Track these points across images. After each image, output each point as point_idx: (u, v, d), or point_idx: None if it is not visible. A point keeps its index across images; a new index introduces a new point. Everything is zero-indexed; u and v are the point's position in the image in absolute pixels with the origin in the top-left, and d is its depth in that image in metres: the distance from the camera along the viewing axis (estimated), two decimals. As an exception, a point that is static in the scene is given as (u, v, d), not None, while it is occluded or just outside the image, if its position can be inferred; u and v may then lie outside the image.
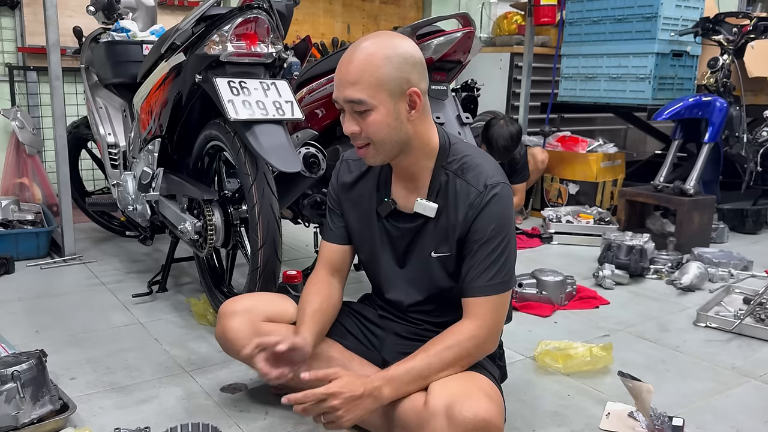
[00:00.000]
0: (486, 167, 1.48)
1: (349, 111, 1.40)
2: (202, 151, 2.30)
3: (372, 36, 1.42)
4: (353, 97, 1.37)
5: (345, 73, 1.38)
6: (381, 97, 1.37)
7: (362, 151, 1.45)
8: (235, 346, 1.62)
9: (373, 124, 1.39)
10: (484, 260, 1.44)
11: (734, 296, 2.68)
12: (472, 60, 2.59)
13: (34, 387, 1.53)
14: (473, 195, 1.45)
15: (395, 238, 1.57)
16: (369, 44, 1.38)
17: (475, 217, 1.44)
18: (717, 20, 3.72)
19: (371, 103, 1.37)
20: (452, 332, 1.45)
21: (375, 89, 1.36)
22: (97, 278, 2.81)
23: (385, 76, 1.36)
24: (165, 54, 2.29)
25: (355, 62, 1.37)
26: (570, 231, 3.60)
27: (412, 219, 1.53)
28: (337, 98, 1.41)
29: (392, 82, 1.37)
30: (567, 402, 1.80)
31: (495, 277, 1.44)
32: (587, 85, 4.30)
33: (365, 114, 1.38)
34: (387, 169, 1.57)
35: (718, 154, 3.73)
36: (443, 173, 1.49)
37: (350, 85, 1.37)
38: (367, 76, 1.36)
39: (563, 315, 2.50)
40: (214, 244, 2.17)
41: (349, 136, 1.43)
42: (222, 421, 1.65)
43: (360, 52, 1.37)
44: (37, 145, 3.63)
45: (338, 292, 1.66)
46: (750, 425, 1.70)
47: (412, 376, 1.41)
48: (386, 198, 1.56)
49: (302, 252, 3.29)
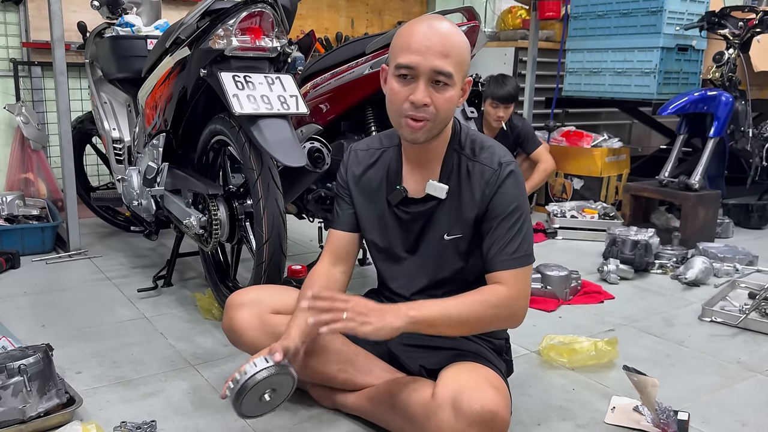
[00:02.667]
0: (497, 148, 1.52)
1: (427, 81, 1.37)
2: (206, 146, 2.30)
3: (437, 17, 1.42)
4: (445, 69, 1.36)
5: (437, 42, 1.35)
6: (459, 77, 1.40)
7: (420, 124, 1.41)
8: (243, 338, 1.63)
9: (448, 101, 1.40)
10: (505, 235, 1.46)
11: (739, 291, 2.67)
12: (476, 55, 2.58)
13: (40, 381, 1.54)
14: (488, 173, 1.47)
15: (407, 224, 1.57)
16: (447, 24, 1.39)
17: (493, 194, 1.46)
18: (722, 14, 3.69)
19: (454, 79, 1.38)
20: (489, 290, 1.45)
21: (459, 67, 1.39)
22: (102, 273, 2.81)
23: (465, 59, 1.41)
24: (169, 48, 2.28)
25: (448, 36, 1.37)
26: (574, 226, 3.60)
27: (424, 203, 1.54)
28: (418, 63, 1.35)
29: (466, 65, 1.42)
30: (572, 396, 1.80)
31: (518, 251, 1.46)
32: (592, 79, 4.28)
33: (443, 88, 1.38)
34: (397, 158, 1.58)
35: (724, 148, 3.71)
36: (455, 156, 1.51)
37: (442, 56, 1.36)
38: (456, 53, 1.37)
39: (568, 310, 2.50)
40: (219, 238, 2.17)
41: (413, 106, 1.38)
42: (228, 414, 1.65)
43: (445, 27, 1.38)
44: (42, 141, 3.63)
45: (339, 281, 1.63)
46: (755, 419, 1.69)
47: (438, 310, 1.39)
48: (397, 186, 1.56)
49: (307, 247, 3.29)
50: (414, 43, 1.37)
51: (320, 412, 1.67)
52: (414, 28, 1.39)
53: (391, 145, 1.60)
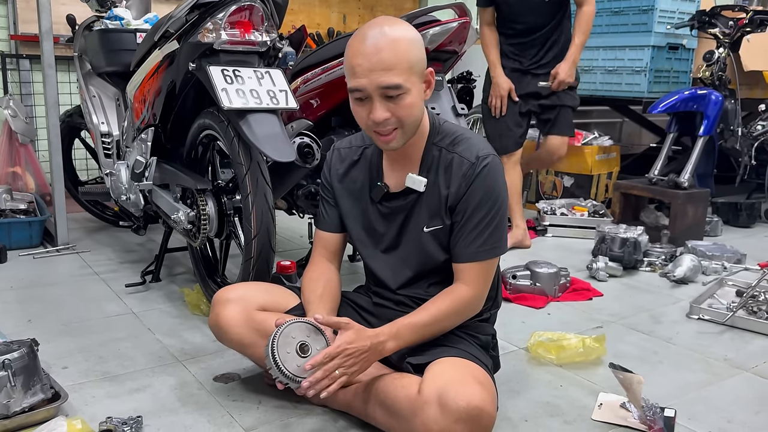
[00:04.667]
0: (476, 141, 1.52)
1: (380, 98, 1.39)
2: (195, 141, 2.29)
3: (381, 21, 1.41)
4: (391, 83, 1.36)
5: (377, 61, 1.36)
6: (413, 80, 1.40)
7: (390, 136, 1.43)
8: (229, 334, 1.62)
9: (408, 107, 1.40)
10: (474, 227, 1.48)
11: (727, 289, 2.69)
12: (468, 51, 2.58)
13: (25, 376, 1.53)
14: (466, 166, 1.48)
15: (389, 219, 1.59)
16: (388, 29, 1.38)
17: (468, 187, 1.48)
18: (713, 13, 3.72)
19: (406, 87, 1.38)
20: (447, 294, 1.52)
21: (408, 72, 1.38)
22: (90, 268, 2.79)
23: (414, 59, 1.39)
24: (158, 42, 2.27)
25: (385, 48, 1.36)
26: (564, 223, 3.61)
27: (405, 196, 1.55)
28: (365, 86, 1.37)
29: (419, 64, 1.41)
30: (559, 393, 1.81)
31: (485, 244, 1.48)
32: (583, 77, 4.28)
33: (399, 98, 1.39)
34: (378, 155, 1.60)
35: (713, 147, 3.73)
36: (434, 149, 1.52)
37: (386, 71, 1.36)
38: (401, 61, 1.37)
39: (557, 306, 2.50)
40: (207, 233, 2.16)
41: (376, 124, 1.41)
42: (215, 410, 1.65)
43: (384, 38, 1.37)
44: (30, 134, 3.60)
45: (336, 276, 1.68)
46: (741, 416, 1.70)
47: (413, 331, 1.48)
48: (378, 182, 1.57)
49: (297, 243, 3.28)
50: (357, 67, 1.38)
51: (308, 408, 1.67)
52: (355, 47, 1.39)
53: (372, 142, 1.60)
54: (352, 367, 1.41)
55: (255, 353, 1.64)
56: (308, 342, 1.44)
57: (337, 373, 1.39)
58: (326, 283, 1.63)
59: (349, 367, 1.40)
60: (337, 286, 1.66)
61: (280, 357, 1.40)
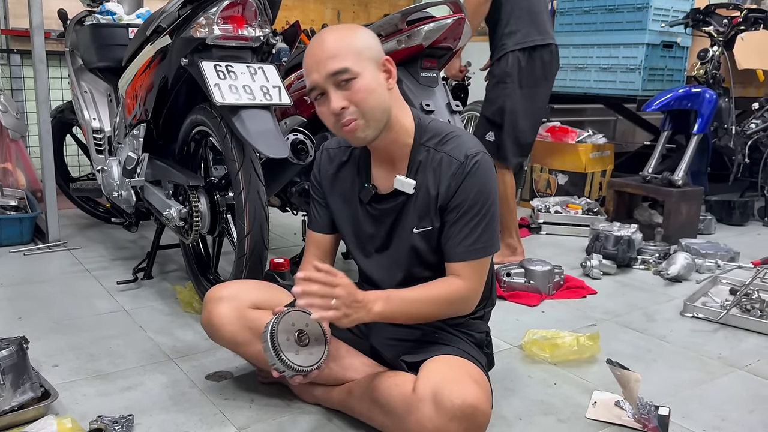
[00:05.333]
0: (465, 139, 1.50)
1: (334, 86, 1.39)
2: (188, 137, 2.27)
3: (327, 30, 1.47)
4: (338, 67, 1.37)
5: (321, 51, 1.39)
6: (363, 64, 1.39)
7: (351, 126, 1.41)
8: (221, 332, 1.61)
9: (362, 90, 1.39)
10: (465, 226, 1.46)
11: (721, 287, 2.69)
12: (462, 48, 2.57)
13: (14, 374, 1.51)
14: (455, 166, 1.46)
15: (378, 221, 1.57)
16: (335, 29, 1.45)
17: (458, 186, 1.46)
18: (707, 11, 3.71)
19: (356, 70, 1.38)
20: (442, 281, 1.50)
21: (357, 56, 1.39)
22: (81, 265, 2.77)
23: (362, 44, 1.41)
24: (150, 37, 2.25)
25: (329, 40, 1.40)
26: (558, 221, 3.60)
27: (394, 198, 1.53)
28: (316, 81, 1.40)
29: (370, 50, 1.42)
30: (554, 391, 1.80)
31: (476, 243, 1.46)
32: (577, 75, 4.29)
33: (351, 83, 1.38)
34: (366, 156, 1.57)
35: (707, 145, 3.73)
36: (422, 150, 1.50)
37: (331, 58, 1.37)
38: (346, 46, 1.39)
39: (551, 304, 2.50)
40: (199, 230, 2.14)
41: (336, 115, 1.40)
42: (207, 408, 1.63)
43: (329, 35, 1.42)
44: (21, 130, 3.57)
45: None
46: (736, 415, 1.70)
47: (402, 302, 1.44)
48: (366, 184, 1.56)
49: (290, 240, 3.26)
50: (308, 66, 1.42)
51: (302, 407, 1.66)
52: (306, 52, 1.44)
53: None
54: (341, 308, 1.34)
55: (248, 351, 1.62)
56: (306, 331, 1.43)
57: (333, 303, 1.33)
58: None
59: (344, 305, 1.34)
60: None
61: (279, 343, 1.38)
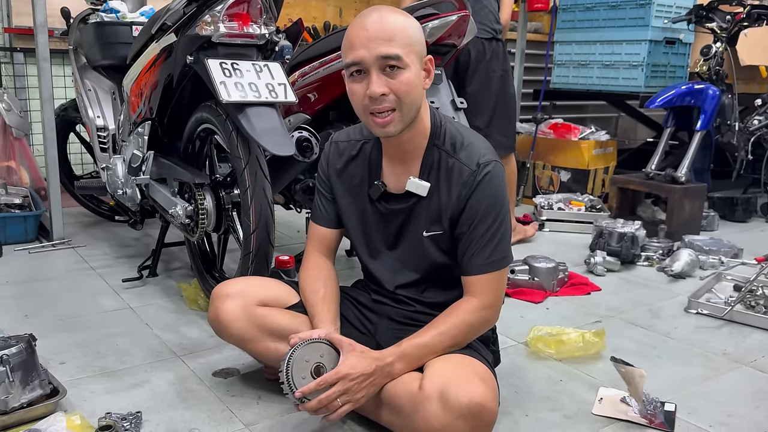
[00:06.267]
0: (478, 145, 1.49)
1: (379, 70, 1.36)
2: (193, 134, 2.27)
3: (381, 7, 1.41)
4: (390, 53, 1.34)
5: (378, 30, 1.35)
6: (412, 58, 1.38)
7: (386, 117, 1.39)
8: (228, 330, 1.61)
9: (406, 83, 1.37)
10: (480, 239, 1.45)
11: (725, 283, 2.69)
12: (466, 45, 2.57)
13: (23, 371, 1.51)
14: (466, 174, 1.45)
15: (387, 220, 1.56)
16: (390, 10, 1.40)
17: (468, 196, 1.45)
18: (710, 7, 3.71)
19: (406, 61, 1.36)
20: (459, 309, 1.47)
21: (408, 48, 1.37)
22: (86, 263, 2.78)
23: (414, 38, 1.38)
24: (155, 35, 2.25)
25: (387, 21, 1.36)
26: (561, 218, 3.60)
27: (405, 199, 1.52)
28: (364, 57, 1.35)
29: (419, 45, 1.39)
30: (559, 387, 1.81)
31: (493, 255, 1.45)
32: (580, 72, 4.29)
33: (398, 72, 1.36)
34: (377, 152, 1.56)
35: (710, 142, 3.73)
36: (435, 151, 1.49)
37: (385, 41, 1.34)
38: (402, 34, 1.36)
39: (555, 301, 2.50)
40: (205, 228, 2.14)
41: (372, 100, 1.37)
42: (214, 405, 1.64)
43: (386, 14, 1.38)
44: (25, 128, 3.57)
45: (334, 273, 1.66)
46: (741, 410, 1.71)
47: (423, 352, 1.43)
48: (376, 181, 1.55)
49: (294, 237, 3.27)
50: (355, 39, 1.37)
51: (308, 403, 1.66)
52: (354, 24, 1.39)
53: (371, 137, 1.57)
54: (356, 394, 1.38)
55: (255, 348, 1.62)
56: (323, 362, 1.42)
57: (339, 401, 1.36)
58: (326, 282, 1.61)
59: (353, 394, 1.38)
60: (336, 283, 1.64)
61: (295, 384, 1.38)
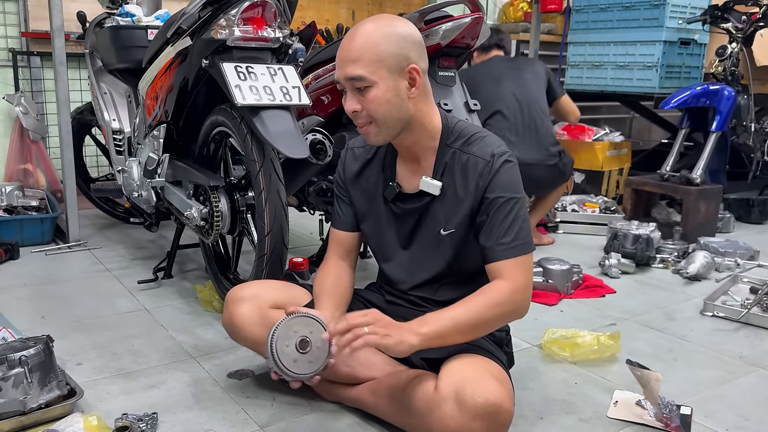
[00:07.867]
0: (490, 139, 1.50)
1: (351, 89, 1.43)
2: (208, 137, 2.29)
3: (372, 18, 1.45)
4: (353, 74, 1.39)
5: (346, 51, 1.41)
6: (381, 74, 1.39)
7: (364, 129, 1.47)
8: (243, 333, 1.62)
9: (373, 101, 1.41)
10: (501, 223, 1.44)
11: (741, 286, 2.67)
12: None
13: (41, 372, 1.53)
14: (481, 165, 1.46)
15: (401, 220, 1.58)
16: (369, 24, 1.43)
17: (486, 185, 1.45)
18: (726, 8, 3.68)
19: (371, 79, 1.39)
20: (489, 288, 1.43)
21: (375, 65, 1.39)
22: (102, 264, 2.80)
23: (384, 53, 1.39)
24: (171, 39, 2.26)
25: (356, 41, 1.40)
26: (576, 220, 3.59)
27: (418, 199, 1.54)
28: (339, 78, 1.44)
29: (391, 59, 1.40)
30: (574, 390, 1.80)
31: (516, 239, 1.44)
32: (594, 73, 4.26)
33: (365, 91, 1.41)
34: (391, 154, 1.58)
35: (725, 143, 3.70)
36: (448, 151, 1.50)
37: (351, 62, 1.40)
38: (367, 53, 1.39)
39: (569, 303, 2.49)
40: (220, 230, 2.16)
41: (351, 116, 1.45)
42: (229, 407, 1.65)
43: (360, 32, 1.41)
44: (41, 131, 3.62)
45: (348, 272, 1.68)
46: (758, 414, 1.69)
47: (448, 322, 1.38)
48: (391, 182, 1.56)
49: (307, 239, 3.28)
50: (336, 59, 1.44)
51: (322, 406, 1.67)
52: (342, 41, 1.44)
53: None
54: (384, 329, 1.33)
55: (269, 351, 1.63)
56: (309, 338, 1.43)
57: (367, 329, 1.32)
58: (335, 278, 1.63)
59: (381, 328, 1.33)
60: (347, 282, 1.65)
61: (277, 349, 1.41)
